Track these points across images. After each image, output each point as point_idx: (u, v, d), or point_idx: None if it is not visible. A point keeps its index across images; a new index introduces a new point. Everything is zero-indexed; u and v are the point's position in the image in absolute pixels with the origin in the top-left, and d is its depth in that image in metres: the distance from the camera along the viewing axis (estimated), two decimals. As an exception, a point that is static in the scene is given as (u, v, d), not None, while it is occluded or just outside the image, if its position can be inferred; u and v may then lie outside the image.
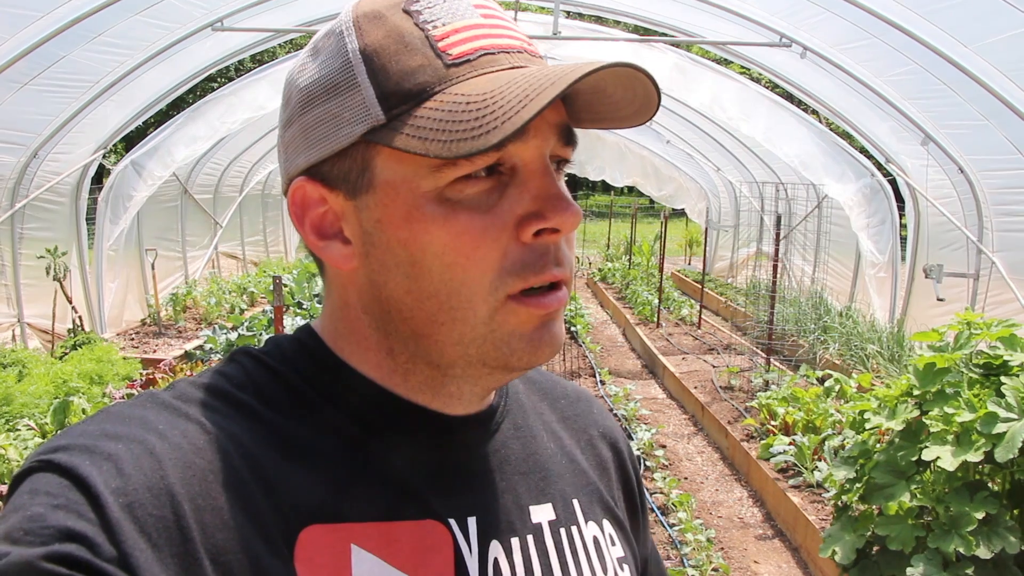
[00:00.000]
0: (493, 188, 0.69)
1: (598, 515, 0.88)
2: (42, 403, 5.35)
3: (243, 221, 13.96)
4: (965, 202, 7.71)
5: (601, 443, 0.97)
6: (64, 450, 0.63)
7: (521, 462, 0.83)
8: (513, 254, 0.69)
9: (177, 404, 0.70)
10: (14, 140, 7.20)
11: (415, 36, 0.70)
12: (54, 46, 6.22)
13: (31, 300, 8.04)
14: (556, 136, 0.72)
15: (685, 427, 7.49)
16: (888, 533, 3.20)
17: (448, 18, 0.70)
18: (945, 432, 3.17)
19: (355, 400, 0.76)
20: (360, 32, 0.71)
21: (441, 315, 0.71)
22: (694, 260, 20.17)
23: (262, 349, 0.79)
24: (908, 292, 8.88)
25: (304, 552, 0.66)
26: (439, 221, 0.69)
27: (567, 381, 1.02)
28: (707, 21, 8.07)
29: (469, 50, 0.69)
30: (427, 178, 0.68)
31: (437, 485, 0.75)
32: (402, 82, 0.68)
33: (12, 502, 0.61)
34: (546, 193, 0.70)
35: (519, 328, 0.71)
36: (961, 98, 6.59)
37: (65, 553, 0.56)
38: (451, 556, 0.73)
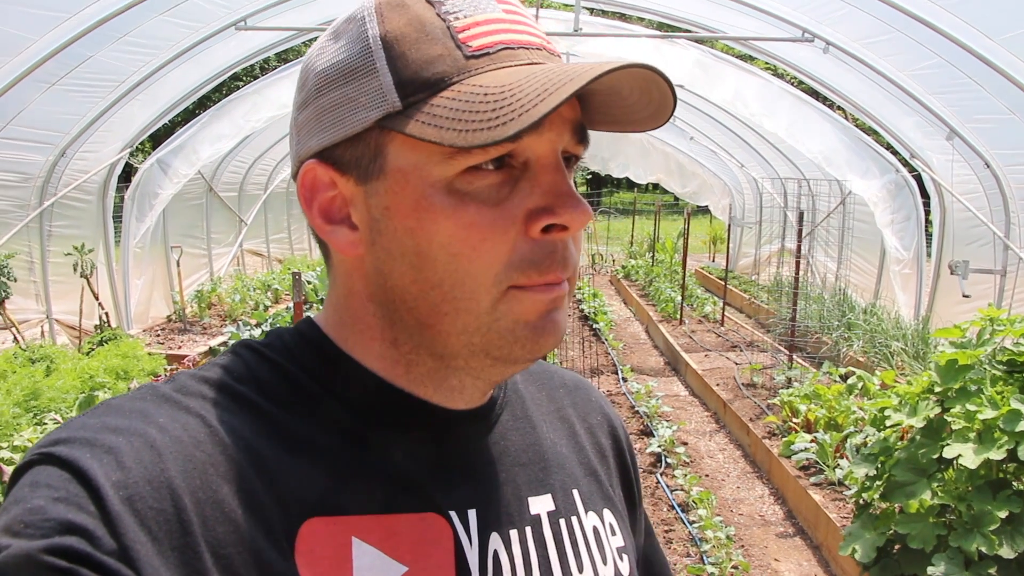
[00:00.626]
0: (504, 181, 0.70)
1: (598, 505, 0.88)
2: (69, 398, 5.42)
3: (268, 219, 14.05)
4: (991, 197, 7.62)
5: (600, 431, 0.97)
6: (65, 443, 0.63)
7: (520, 453, 0.84)
8: (521, 249, 0.69)
9: (178, 397, 0.70)
10: (43, 139, 7.31)
11: (436, 26, 0.70)
12: (81, 46, 6.30)
13: (59, 297, 8.16)
14: (570, 133, 0.72)
15: (707, 424, 7.46)
16: (909, 531, 3.17)
17: (470, 11, 0.71)
18: (967, 430, 3.14)
19: (356, 393, 0.76)
20: (382, 19, 0.71)
21: (445, 305, 0.71)
22: (717, 257, 20.08)
23: (263, 342, 0.79)
24: (933, 289, 8.80)
25: (305, 545, 0.67)
26: (447, 212, 0.69)
27: (564, 370, 1.02)
28: (729, 17, 8.03)
29: (490, 43, 0.70)
30: (438, 166, 0.68)
31: (437, 478, 0.76)
32: (421, 70, 0.69)
33: (13, 495, 0.61)
34: (557, 189, 0.70)
35: (523, 316, 0.71)
36: (987, 92, 6.52)
37: (66, 546, 0.56)
38: (451, 548, 0.73)
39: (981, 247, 7.91)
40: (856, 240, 10.49)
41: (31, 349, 6.76)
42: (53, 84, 6.63)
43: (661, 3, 8.56)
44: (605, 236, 21.57)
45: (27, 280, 7.77)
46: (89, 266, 7.92)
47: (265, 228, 14.09)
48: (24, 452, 4.29)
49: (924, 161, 8.14)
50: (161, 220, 9.86)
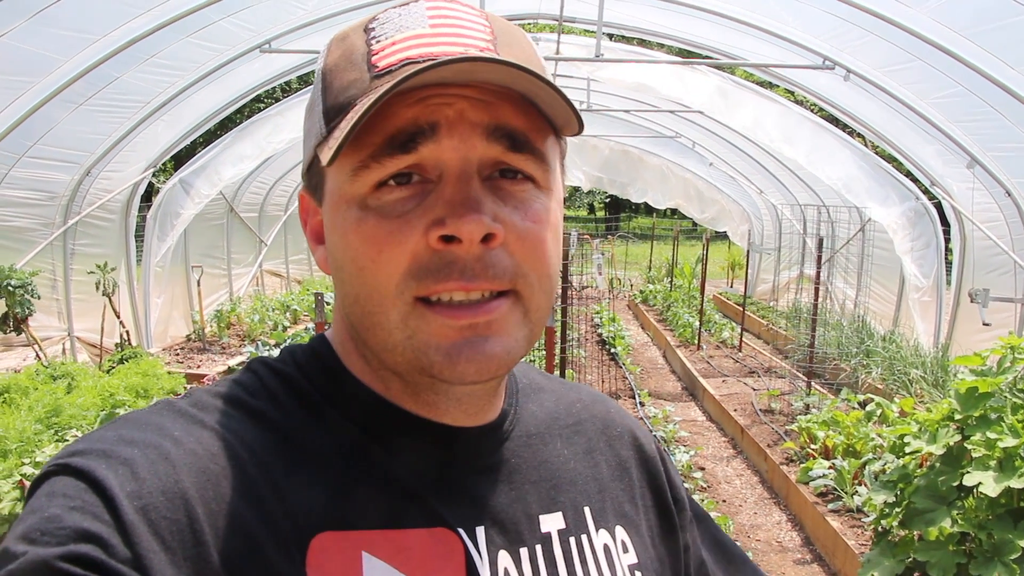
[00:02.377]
0: (413, 195, 0.69)
1: (610, 522, 0.87)
2: (89, 415, 5.46)
3: (287, 240, 14.16)
4: (1013, 226, 7.59)
5: (619, 444, 0.95)
6: (81, 454, 0.64)
7: (531, 471, 0.83)
8: (421, 259, 0.68)
9: (193, 411, 0.72)
10: (69, 159, 7.42)
11: (359, 53, 0.71)
12: (108, 67, 6.41)
13: (81, 315, 8.24)
14: (486, 139, 0.70)
15: (724, 450, 7.42)
16: (928, 559, 3.14)
17: (393, 31, 0.71)
18: (987, 457, 3.11)
19: (360, 409, 0.77)
20: (328, 52, 0.75)
21: (366, 320, 0.72)
22: (736, 283, 20.03)
23: (277, 358, 0.81)
24: (953, 316, 8.74)
25: (316, 559, 0.67)
26: (352, 226, 0.70)
27: (583, 385, 1.02)
28: (750, 43, 8.06)
29: (394, 61, 0.69)
30: (349, 185, 0.70)
31: (445, 494, 0.76)
32: (338, 96, 0.71)
33: (30, 504, 0.62)
34: (454, 198, 0.68)
35: (434, 339, 0.69)
36: (1008, 120, 6.51)
37: (80, 553, 0.57)
38: (462, 564, 0.73)
39: (1001, 275, 7.87)
40: (875, 267, 10.45)
41: (53, 366, 6.82)
42: (80, 104, 6.74)
43: (681, 29, 8.61)
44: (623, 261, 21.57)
45: (50, 298, 7.85)
46: (111, 284, 7.99)
47: (284, 249, 14.19)
48: (45, 467, 4.34)
49: (944, 189, 8.12)
50: (182, 240, 9.95)
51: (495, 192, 0.71)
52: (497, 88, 0.70)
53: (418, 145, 0.68)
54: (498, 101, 0.70)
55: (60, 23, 5.83)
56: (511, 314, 0.71)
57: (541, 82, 0.67)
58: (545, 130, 0.74)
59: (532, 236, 0.72)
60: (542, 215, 0.73)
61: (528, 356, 0.78)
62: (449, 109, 0.69)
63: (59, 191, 7.56)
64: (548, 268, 0.74)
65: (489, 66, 0.67)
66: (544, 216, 0.73)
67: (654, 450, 0.99)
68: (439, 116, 0.68)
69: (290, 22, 7.36)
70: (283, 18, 7.31)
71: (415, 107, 0.68)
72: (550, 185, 0.75)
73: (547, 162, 0.74)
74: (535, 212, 0.72)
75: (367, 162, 0.69)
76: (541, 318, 0.74)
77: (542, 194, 0.74)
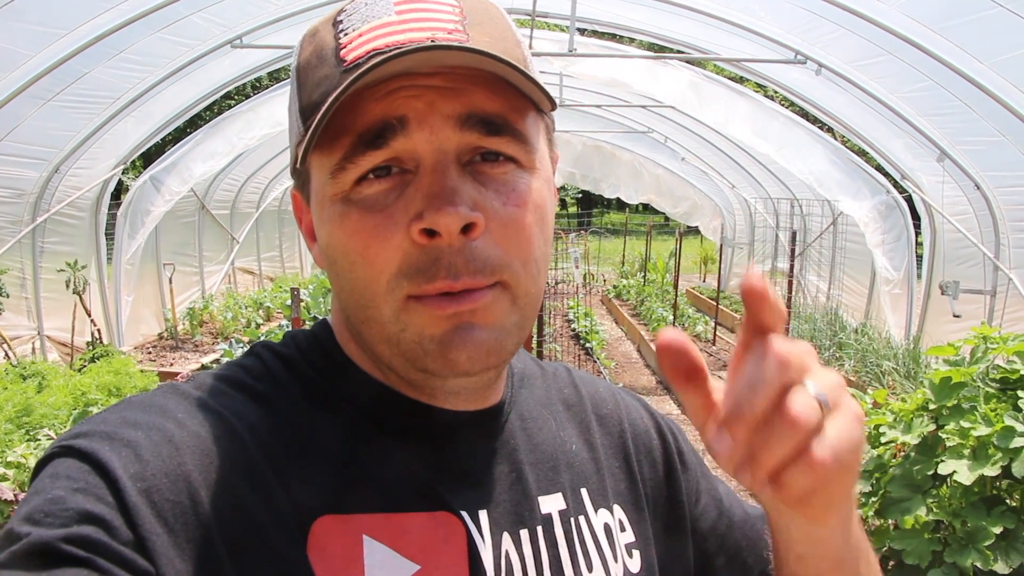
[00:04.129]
0: (393, 187, 0.69)
1: (609, 501, 0.88)
2: (61, 414, 5.39)
3: (259, 237, 14.07)
4: (982, 218, 7.69)
5: (612, 422, 0.96)
6: (85, 436, 0.64)
7: (529, 453, 0.84)
8: (411, 256, 0.68)
9: (197, 394, 0.72)
10: (37, 155, 7.30)
11: (329, 48, 0.70)
12: (77, 63, 6.31)
13: (51, 313, 8.13)
14: (459, 128, 0.69)
15: (699, 443, 7.45)
16: (904, 547, 3.18)
17: (359, 23, 0.70)
18: (962, 446, 3.16)
19: (361, 395, 0.77)
20: (300, 51, 0.74)
21: (360, 313, 0.72)
22: (709, 277, 20.14)
23: (280, 343, 0.81)
24: (924, 309, 8.85)
25: (317, 542, 0.67)
26: (337, 222, 0.70)
27: (578, 369, 1.02)
28: (722, 38, 8.10)
29: (361, 54, 0.68)
30: (331, 182, 0.70)
31: (447, 479, 0.76)
32: (312, 94, 0.70)
33: (34, 485, 0.62)
34: (430, 190, 0.67)
35: (427, 329, 0.69)
36: (977, 114, 6.59)
37: (83, 535, 0.57)
38: (464, 547, 0.73)
39: (971, 267, 7.97)
40: (847, 261, 10.56)
41: (22, 365, 6.72)
42: (48, 100, 6.64)
43: (654, 24, 8.63)
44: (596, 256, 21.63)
45: (19, 296, 7.74)
46: (81, 283, 7.90)
47: (257, 246, 14.10)
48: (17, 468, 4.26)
49: (915, 182, 8.21)
50: (153, 237, 9.85)
51: (476, 177, 0.70)
52: (468, 72, 0.69)
53: (388, 140, 0.67)
54: (470, 86, 0.69)
55: (27, 17, 5.74)
56: (497, 302, 0.70)
57: (504, 65, 0.67)
58: (524, 108, 0.72)
59: (515, 221, 0.71)
60: (525, 197, 0.72)
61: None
62: (418, 101, 0.68)
63: (27, 188, 7.45)
64: (533, 252, 0.72)
65: (453, 52, 0.66)
66: (527, 197, 0.72)
67: (648, 424, 0.99)
68: (407, 109, 0.68)
69: (261, 17, 7.28)
70: (254, 13, 7.23)
71: (383, 101, 0.68)
72: (534, 164, 0.73)
73: (528, 142, 0.72)
74: (518, 194, 0.71)
75: (343, 164, 0.68)
76: (531, 303, 0.73)
77: (526, 174, 0.72)
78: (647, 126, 13.05)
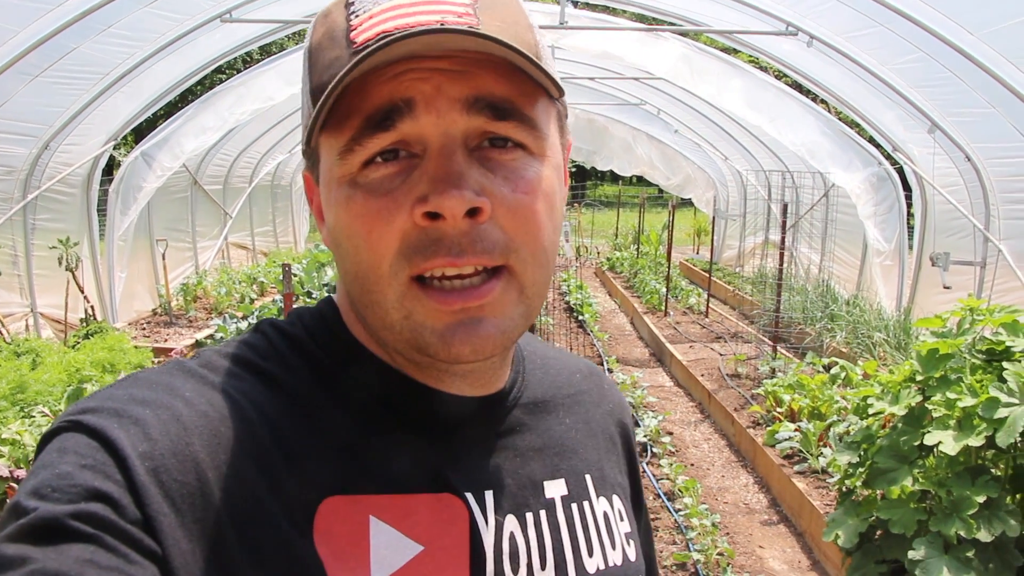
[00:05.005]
0: (399, 171, 0.69)
1: (608, 491, 0.90)
2: (56, 391, 5.41)
3: (252, 212, 14.03)
4: (972, 190, 7.71)
5: (611, 418, 0.98)
6: (92, 412, 0.64)
7: (536, 438, 0.85)
8: (410, 237, 0.68)
9: (203, 372, 0.72)
10: (26, 132, 7.27)
11: (340, 29, 0.70)
12: (65, 38, 6.26)
13: (44, 290, 8.12)
14: (466, 112, 0.68)
15: (692, 414, 7.52)
16: (890, 517, 3.22)
17: (371, 4, 0.69)
18: (947, 417, 3.19)
19: (367, 375, 0.77)
20: (312, 32, 0.74)
21: (364, 297, 0.72)
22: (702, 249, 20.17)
23: (286, 320, 0.81)
24: (915, 280, 8.89)
25: (324, 523, 0.68)
26: (343, 204, 0.70)
27: (578, 357, 1.03)
28: (714, 10, 8.07)
29: (371, 36, 0.67)
30: (339, 165, 0.70)
31: (453, 462, 0.77)
32: (322, 75, 0.70)
33: (40, 459, 0.62)
34: (436, 174, 0.67)
35: (428, 321, 0.69)
36: (968, 86, 6.59)
37: (91, 512, 0.57)
38: (466, 529, 0.74)
39: (962, 239, 8.00)
40: (839, 232, 10.58)
41: (16, 343, 6.74)
42: (36, 76, 6.60)
43: (646, -4, 8.60)
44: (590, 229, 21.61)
45: (11, 274, 7.73)
46: (74, 259, 7.89)
47: (250, 221, 14.06)
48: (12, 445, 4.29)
49: (906, 154, 8.22)
50: (146, 213, 9.82)
51: (483, 163, 0.69)
52: (478, 56, 0.68)
53: (395, 122, 0.67)
54: (478, 70, 0.68)
55: (13, -8, 5.70)
56: (505, 294, 0.70)
57: (511, 51, 0.66)
58: (534, 93, 0.72)
59: (523, 208, 0.70)
60: (534, 184, 0.71)
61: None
62: (425, 84, 0.67)
63: (17, 165, 7.41)
64: (542, 240, 0.72)
65: (460, 36, 0.65)
66: (536, 185, 0.71)
67: (633, 434, 1.02)
68: (414, 92, 0.67)
69: (251, -10, 7.23)
70: (244, -14, 7.18)
71: (390, 83, 0.67)
72: (544, 151, 0.73)
73: (538, 127, 0.72)
74: (527, 182, 0.71)
75: (350, 145, 0.68)
76: (538, 292, 0.73)
77: (535, 161, 0.72)
78: (640, 98, 13.00)
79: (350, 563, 0.68)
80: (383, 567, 0.69)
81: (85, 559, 0.56)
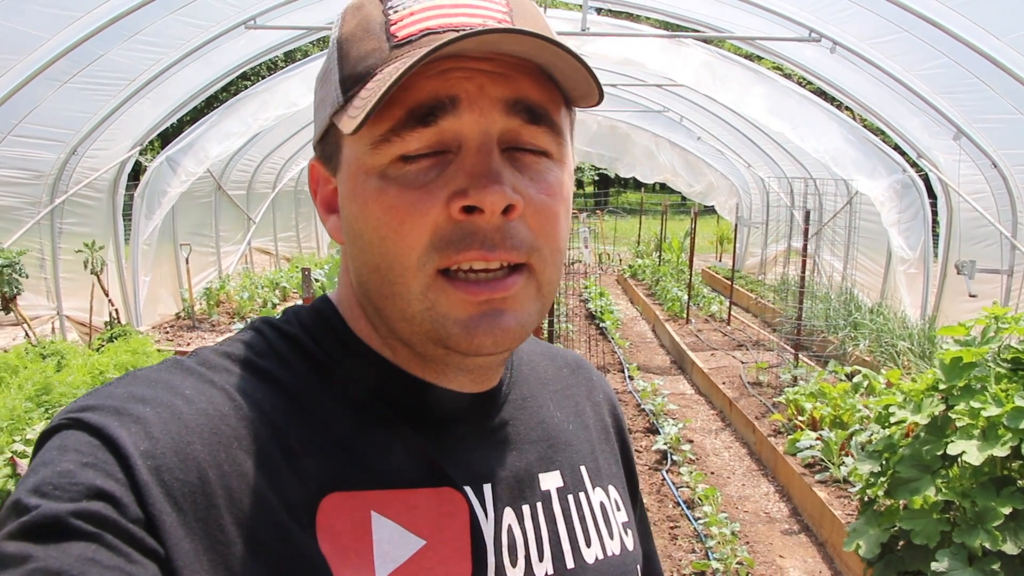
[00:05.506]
0: (434, 165, 0.70)
1: (603, 481, 0.91)
2: (80, 393, 5.46)
3: (276, 217, 14.11)
4: (999, 197, 7.63)
5: (603, 410, 0.99)
6: (93, 410, 0.64)
7: (530, 431, 0.86)
8: (442, 230, 0.69)
9: (202, 371, 0.72)
10: (54, 137, 7.37)
11: (376, 22, 0.71)
12: (93, 45, 6.35)
13: (69, 294, 8.22)
14: (505, 113, 0.70)
15: (713, 422, 7.48)
16: (913, 527, 3.19)
17: (411, 1, 0.71)
18: (971, 427, 3.15)
19: (367, 372, 0.78)
20: (343, 22, 0.75)
21: (384, 289, 0.72)
22: (724, 257, 20.08)
23: (281, 318, 0.81)
24: (940, 288, 8.80)
25: (326, 519, 0.68)
26: (374, 196, 0.70)
27: (566, 350, 1.04)
28: (736, 16, 8.05)
29: (414, 31, 0.69)
30: (370, 156, 0.70)
31: (451, 456, 0.77)
32: (356, 66, 0.71)
33: (40, 456, 0.62)
34: (475, 170, 0.68)
35: (452, 312, 0.70)
36: (994, 92, 6.53)
37: (93, 511, 0.57)
38: (467, 522, 0.75)
39: (988, 247, 7.92)
40: (863, 240, 10.50)
41: (42, 345, 6.81)
42: (65, 82, 6.69)
43: (668, 3, 8.59)
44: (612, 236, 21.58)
45: (38, 277, 7.83)
46: (99, 263, 7.96)
47: (273, 226, 14.15)
48: (37, 446, 4.35)
49: (931, 161, 8.15)
50: (170, 218, 9.92)
51: (512, 164, 0.71)
52: (514, 60, 0.70)
53: (438, 119, 0.68)
54: (517, 74, 0.70)
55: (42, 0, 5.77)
56: (525, 289, 0.72)
57: (566, 54, 0.68)
58: (560, 102, 0.74)
59: (547, 209, 0.72)
60: (556, 188, 0.74)
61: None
62: (470, 83, 0.69)
63: (45, 170, 7.52)
64: (559, 242, 0.75)
65: (513, 37, 0.67)
66: (558, 189, 0.74)
67: (624, 423, 1.03)
68: (459, 90, 0.69)
69: (275, -2, 7.30)
70: (268, -6, 7.25)
71: (435, 80, 0.68)
72: (563, 157, 0.75)
73: (562, 134, 0.74)
74: (549, 185, 0.73)
75: (388, 136, 0.69)
76: (552, 291, 0.76)
77: (556, 166, 0.74)
78: (663, 105, 12.99)
79: (353, 559, 0.68)
80: (386, 562, 0.70)
81: (87, 558, 0.56)
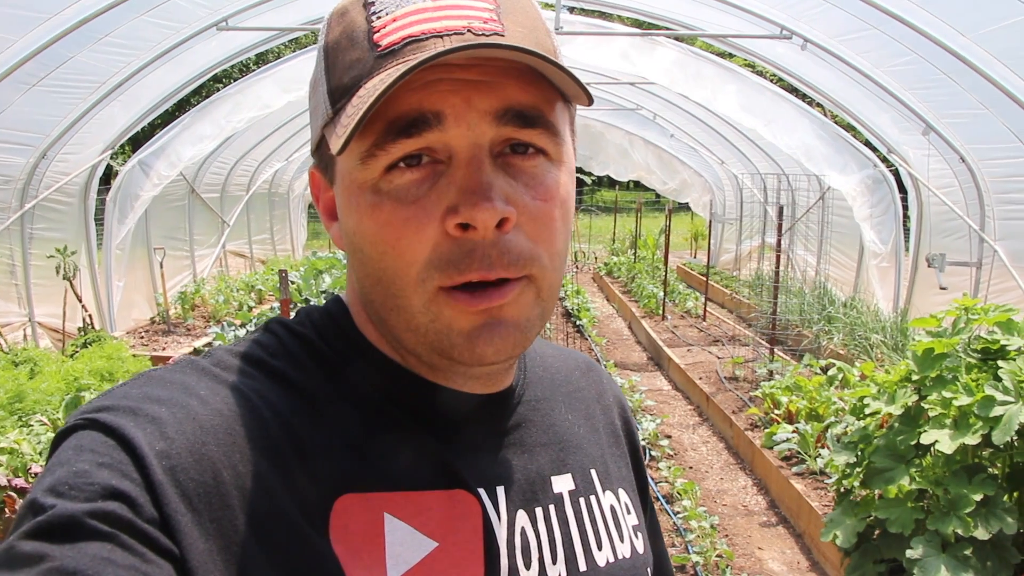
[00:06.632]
0: (424, 178, 0.68)
1: (614, 484, 0.91)
2: (54, 400, 5.40)
3: (250, 219, 14.02)
4: (967, 191, 7.73)
5: (613, 412, 0.99)
6: (108, 410, 0.64)
7: (541, 434, 0.86)
8: (442, 248, 0.68)
9: (217, 371, 0.72)
10: (23, 141, 7.27)
11: (360, 30, 0.70)
12: (61, 47, 6.27)
13: (41, 300, 8.12)
14: (495, 123, 0.69)
15: (690, 417, 7.53)
16: (888, 516, 3.23)
17: (393, 6, 0.69)
18: (943, 416, 3.20)
19: (378, 374, 0.78)
20: (328, 29, 0.73)
21: (389, 302, 0.72)
22: (699, 253, 20.18)
23: (295, 319, 0.81)
24: (912, 281, 8.91)
25: (339, 520, 0.68)
26: (369, 211, 0.70)
27: (577, 352, 1.04)
28: (708, 14, 8.09)
29: (397, 39, 0.67)
30: (359, 171, 0.70)
31: (464, 458, 0.77)
32: (343, 77, 0.70)
33: (57, 456, 0.62)
34: (464, 185, 0.67)
35: (455, 323, 0.70)
36: (961, 87, 6.61)
37: (108, 511, 0.57)
38: (480, 525, 0.75)
39: (957, 240, 8.03)
40: (835, 235, 10.60)
41: (14, 352, 6.73)
42: (33, 85, 6.60)
43: (641, 1, 8.62)
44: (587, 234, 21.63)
45: (8, 283, 7.74)
46: (72, 268, 7.89)
47: (248, 229, 14.06)
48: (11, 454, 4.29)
49: (901, 156, 8.24)
50: (143, 222, 9.83)
51: (506, 169, 0.70)
52: (503, 63, 0.69)
53: (423, 132, 0.67)
54: (504, 79, 0.69)
55: (8, 1, 5.71)
56: (524, 295, 0.71)
57: (547, 63, 0.67)
58: (554, 99, 0.72)
59: (543, 216, 0.71)
60: (553, 190, 0.72)
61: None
62: (455, 96, 0.67)
63: (14, 174, 7.42)
64: (558, 246, 0.74)
65: (492, 49, 0.66)
66: (555, 191, 0.72)
67: (635, 426, 1.04)
68: (444, 105, 0.67)
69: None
70: (239, -5, 7.20)
71: (419, 92, 0.67)
72: (561, 156, 0.74)
73: (558, 133, 0.73)
74: (546, 188, 0.72)
75: (372, 151, 0.68)
76: (553, 295, 0.75)
77: (553, 167, 0.73)
78: (635, 103, 13.03)
79: (366, 560, 0.69)
80: (399, 564, 0.70)
81: (102, 557, 0.56)
